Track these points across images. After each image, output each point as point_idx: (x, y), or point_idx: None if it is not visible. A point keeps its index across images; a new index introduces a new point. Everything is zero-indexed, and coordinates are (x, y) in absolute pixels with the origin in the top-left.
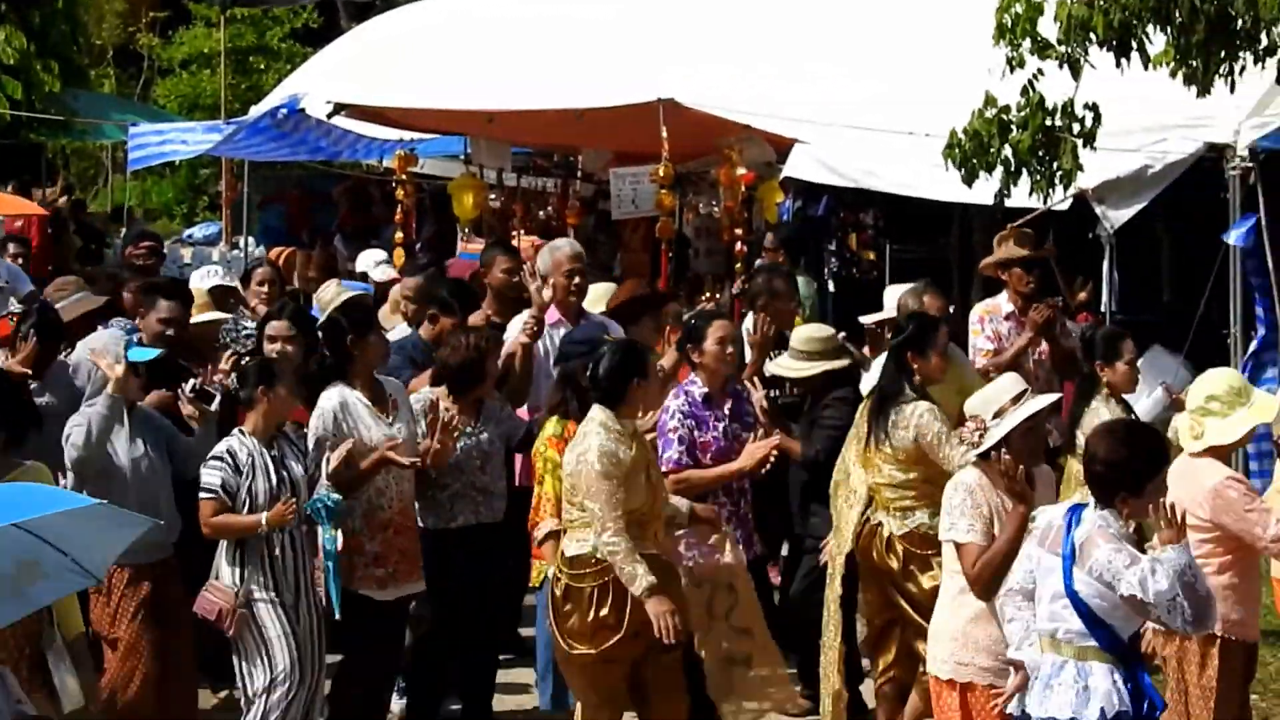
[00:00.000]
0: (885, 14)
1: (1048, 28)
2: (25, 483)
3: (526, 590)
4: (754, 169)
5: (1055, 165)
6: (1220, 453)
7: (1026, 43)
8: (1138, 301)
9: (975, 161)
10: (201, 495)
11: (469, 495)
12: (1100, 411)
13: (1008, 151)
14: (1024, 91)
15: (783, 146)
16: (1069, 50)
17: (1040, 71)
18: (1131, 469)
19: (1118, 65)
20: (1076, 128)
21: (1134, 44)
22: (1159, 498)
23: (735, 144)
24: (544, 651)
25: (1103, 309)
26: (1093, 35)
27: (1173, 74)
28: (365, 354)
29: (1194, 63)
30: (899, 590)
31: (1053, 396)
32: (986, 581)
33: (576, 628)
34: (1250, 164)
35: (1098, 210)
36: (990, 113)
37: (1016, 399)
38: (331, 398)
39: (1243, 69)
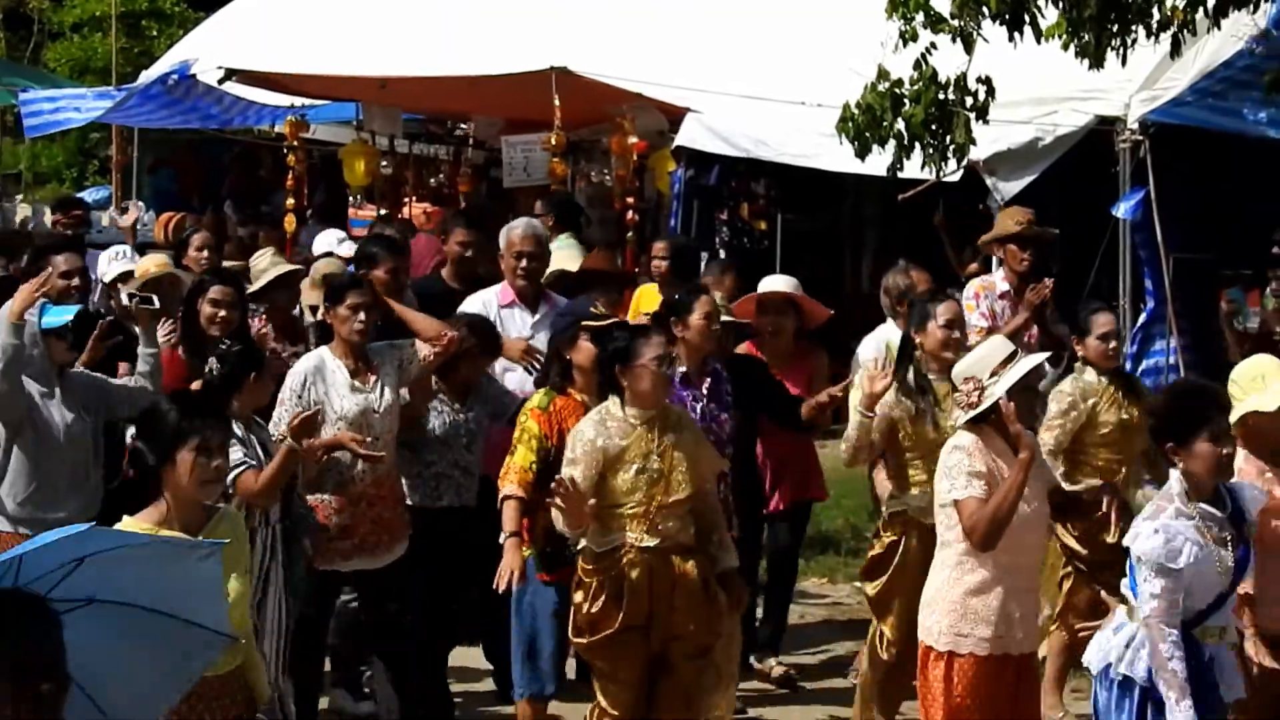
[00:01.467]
0: None
1: (941, 2)
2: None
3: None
4: (646, 138)
5: (948, 138)
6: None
7: (919, 16)
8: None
9: (868, 135)
10: (235, 473)
11: (452, 476)
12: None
13: (900, 125)
14: (917, 65)
15: (675, 115)
16: (962, 24)
17: (933, 45)
18: (1172, 418)
19: (1010, 39)
20: (969, 101)
21: (1026, 17)
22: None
23: (627, 112)
24: (515, 638)
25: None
26: (985, 9)
27: (1065, 47)
28: (337, 323)
29: (1086, 36)
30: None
31: (1042, 355)
32: (985, 531)
33: (580, 620)
34: (1140, 137)
35: (989, 182)
36: (883, 86)
37: (1008, 360)
38: (309, 359)
39: (1134, 42)
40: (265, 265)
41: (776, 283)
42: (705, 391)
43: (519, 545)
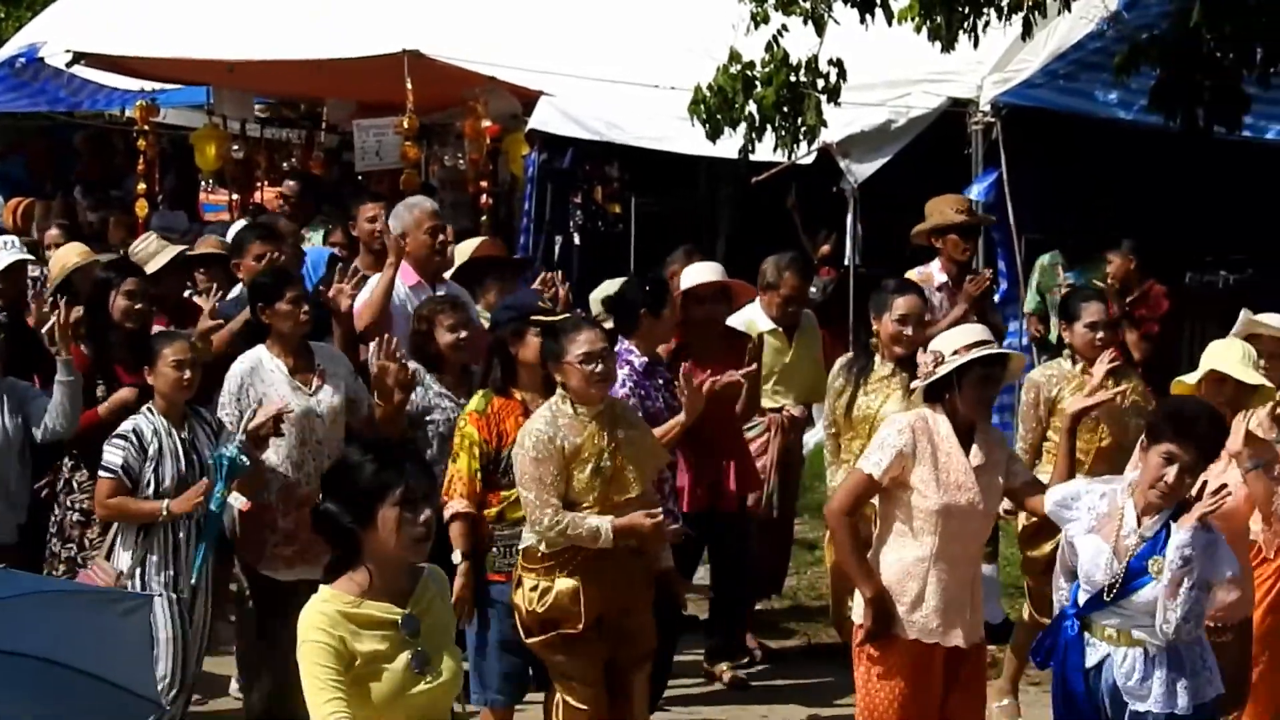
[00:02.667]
0: None
1: None
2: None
3: None
4: (499, 121)
5: (799, 121)
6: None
7: None
8: (881, 255)
9: (720, 117)
10: (100, 474)
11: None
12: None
13: (752, 107)
14: (768, 47)
15: (528, 99)
16: (813, 6)
17: (785, 27)
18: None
19: (861, 21)
20: (821, 83)
21: (878, 0)
22: None
23: (480, 96)
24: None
25: (846, 262)
26: None
27: (917, 29)
28: (277, 320)
29: (937, 18)
30: None
31: (1016, 352)
32: (836, 505)
33: (526, 620)
34: (993, 119)
35: (841, 164)
36: (735, 69)
37: (978, 345)
38: (244, 360)
39: (986, 25)
40: (154, 249)
41: (705, 272)
42: (661, 382)
43: (470, 572)
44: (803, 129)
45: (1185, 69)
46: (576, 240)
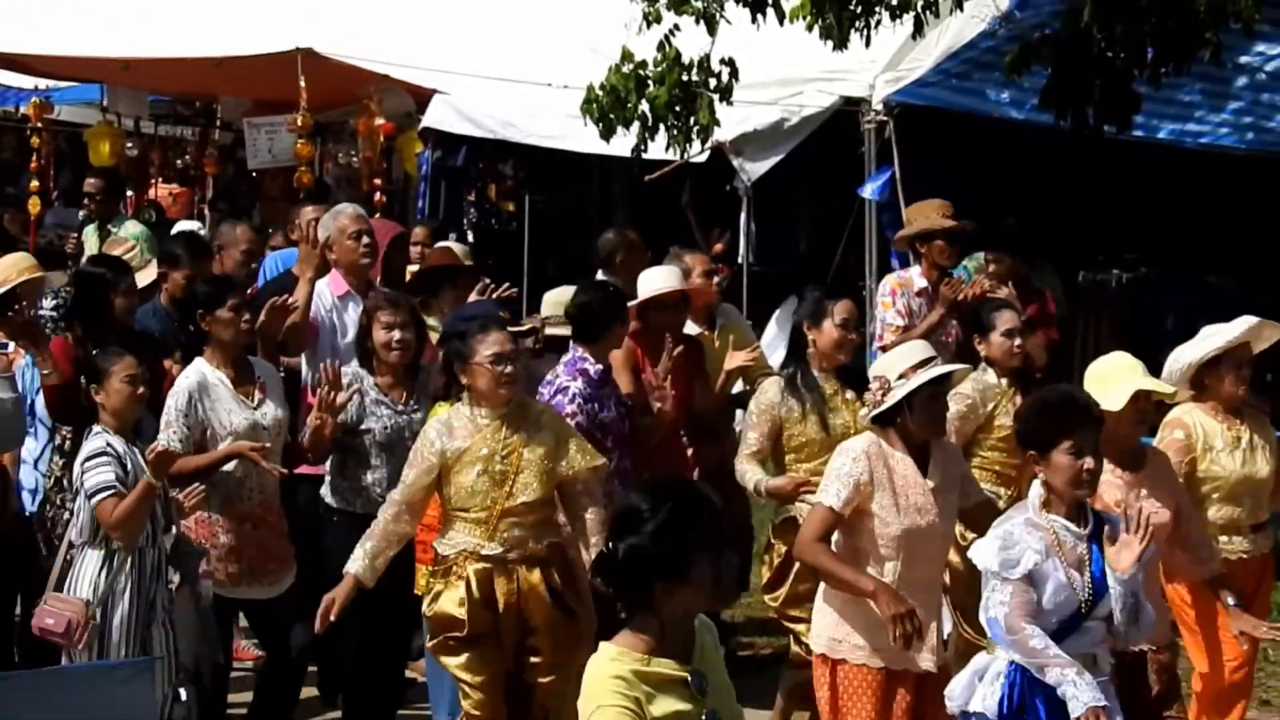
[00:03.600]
0: None
1: None
2: None
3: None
4: (393, 119)
5: (692, 120)
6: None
7: None
8: (775, 253)
9: (613, 116)
10: (99, 497)
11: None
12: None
13: (645, 106)
14: (660, 46)
15: (422, 97)
16: (705, 5)
17: (677, 27)
18: (1034, 426)
19: (753, 20)
20: (713, 83)
21: (769, 0)
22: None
23: (374, 94)
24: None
25: (740, 260)
26: None
27: (809, 28)
28: (218, 329)
29: (829, 17)
30: None
31: (961, 365)
32: (801, 543)
33: (429, 621)
34: (885, 118)
35: (735, 163)
36: (627, 68)
37: (923, 364)
38: (189, 375)
39: (878, 23)
40: (138, 263)
41: (662, 277)
42: (613, 392)
43: None
44: (695, 128)
45: (1076, 68)
46: (470, 238)
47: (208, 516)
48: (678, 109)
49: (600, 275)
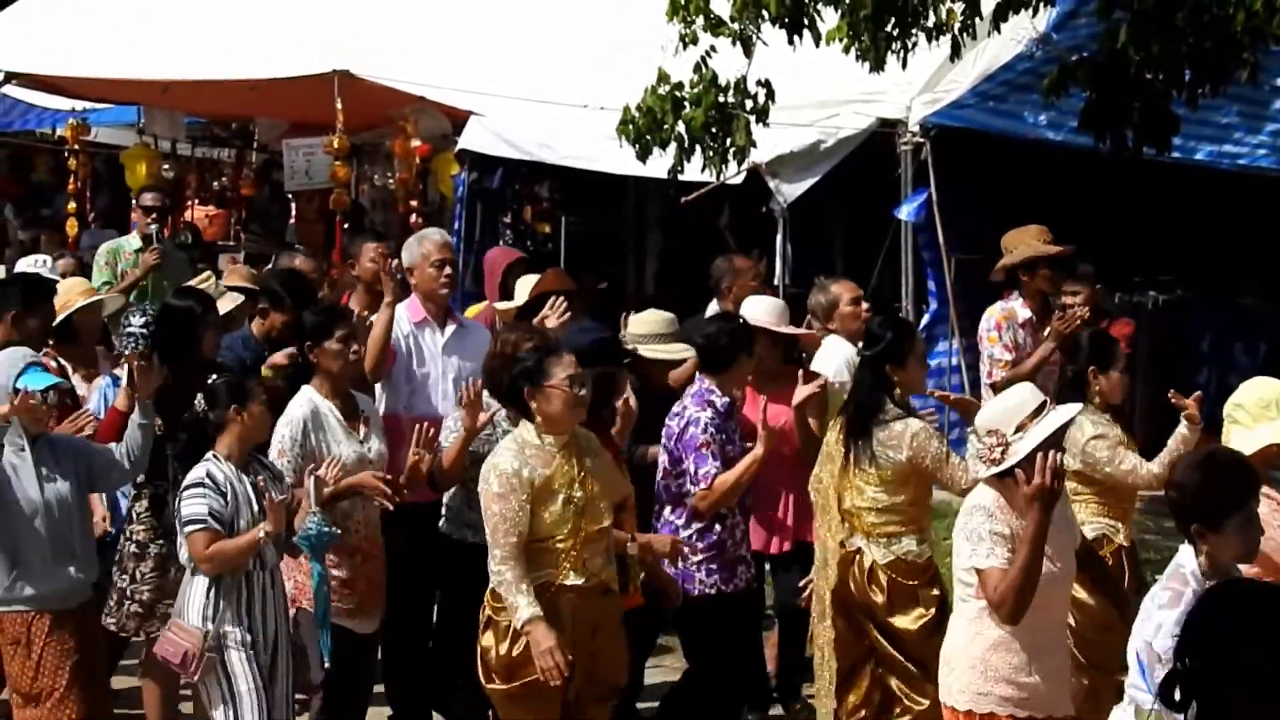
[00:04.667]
0: None
1: (721, 5)
2: None
3: None
4: (429, 141)
5: (728, 141)
6: None
7: (699, 19)
8: (811, 275)
9: (649, 137)
10: (189, 529)
11: None
12: (1085, 425)
13: (681, 128)
14: (697, 68)
15: (458, 118)
16: (741, 27)
17: (713, 48)
18: (1205, 498)
19: (790, 42)
20: (749, 104)
21: (805, 21)
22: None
23: (410, 116)
24: None
25: (775, 282)
26: (765, 12)
27: (845, 50)
28: (325, 360)
29: (865, 39)
30: (879, 625)
31: (1075, 407)
32: (1012, 606)
33: (494, 662)
34: (922, 139)
35: (771, 185)
36: (664, 89)
37: (1036, 412)
38: (301, 405)
39: (914, 45)
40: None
41: (756, 311)
42: (736, 425)
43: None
44: (731, 149)
45: (1114, 90)
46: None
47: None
48: (714, 130)
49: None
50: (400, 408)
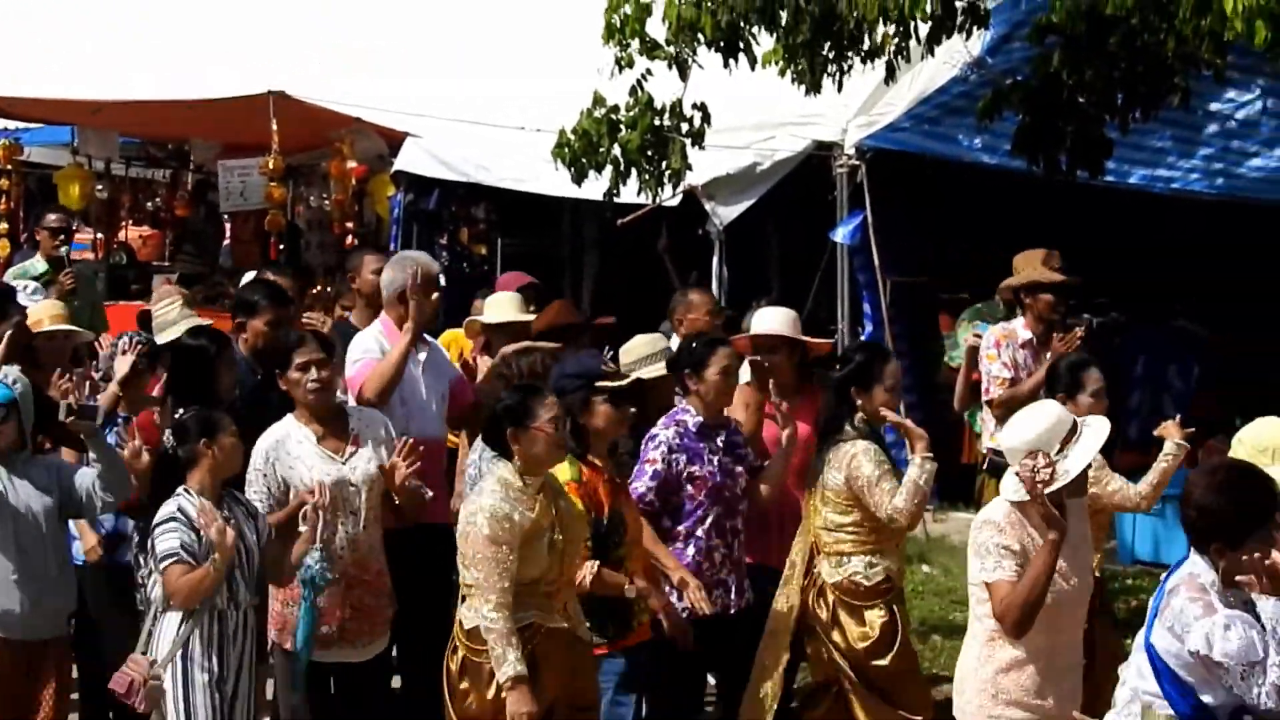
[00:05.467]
0: (496, 10)
1: (656, 28)
2: None
3: None
4: (365, 162)
5: (664, 164)
6: None
7: (635, 43)
8: (747, 297)
9: (585, 160)
10: (165, 564)
11: None
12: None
13: (617, 150)
14: (633, 91)
15: (394, 140)
16: (677, 50)
17: (649, 71)
18: (1228, 518)
19: (726, 65)
20: (685, 127)
21: (741, 44)
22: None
23: (346, 137)
24: None
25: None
26: (700, 36)
27: (781, 73)
28: (290, 388)
29: (801, 62)
30: (829, 642)
31: (1106, 425)
32: (1016, 618)
33: (474, 709)
34: (857, 162)
35: (707, 207)
36: (599, 112)
37: (1073, 431)
38: (271, 433)
39: (849, 68)
40: (174, 317)
41: (770, 320)
42: (721, 444)
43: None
44: (667, 172)
45: (1047, 114)
46: (442, 282)
47: (296, 582)
48: (650, 153)
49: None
50: (397, 432)
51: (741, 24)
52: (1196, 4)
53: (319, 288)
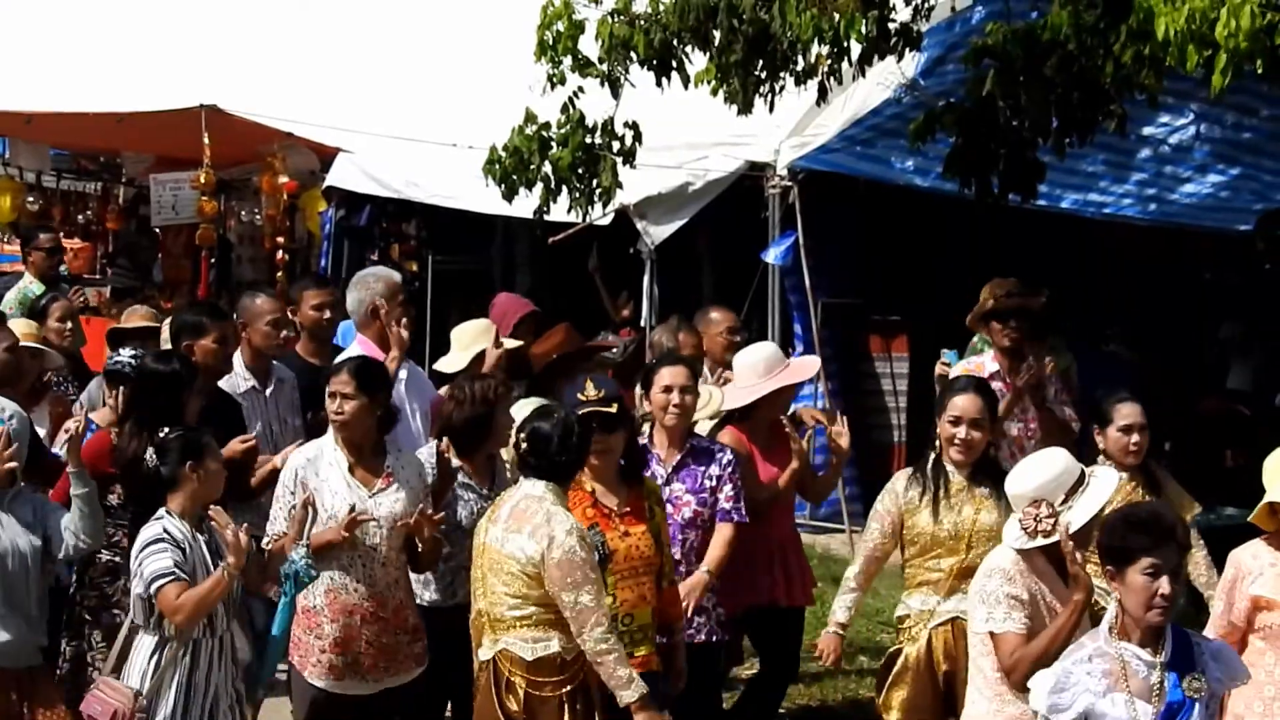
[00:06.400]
0: (429, 27)
1: (589, 46)
2: None
3: None
4: (297, 177)
5: (595, 182)
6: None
7: (568, 60)
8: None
9: (515, 177)
10: (158, 584)
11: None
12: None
13: (548, 168)
14: (565, 108)
15: (326, 155)
16: (610, 68)
17: (581, 89)
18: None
19: (658, 84)
20: (617, 145)
21: (674, 63)
22: None
23: (278, 152)
24: None
25: (643, 324)
26: (633, 54)
27: (713, 93)
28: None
29: (733, 82)
30: None
31: (1114, 477)
32: (1025, 673)
33: None
34: (789, 183)
35: (639, 226)
36: (531, 129)
37: (1079, 481)
38: (305, 451)
39: (782, 89)
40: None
41: (756, 356)
42: (671, 468)
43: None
44: (598, 190)
45: (980, 137)
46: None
47: (312, 607)
48: (581, 171)
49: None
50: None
51: (674, 43)
52: (1134, 31)
53: None
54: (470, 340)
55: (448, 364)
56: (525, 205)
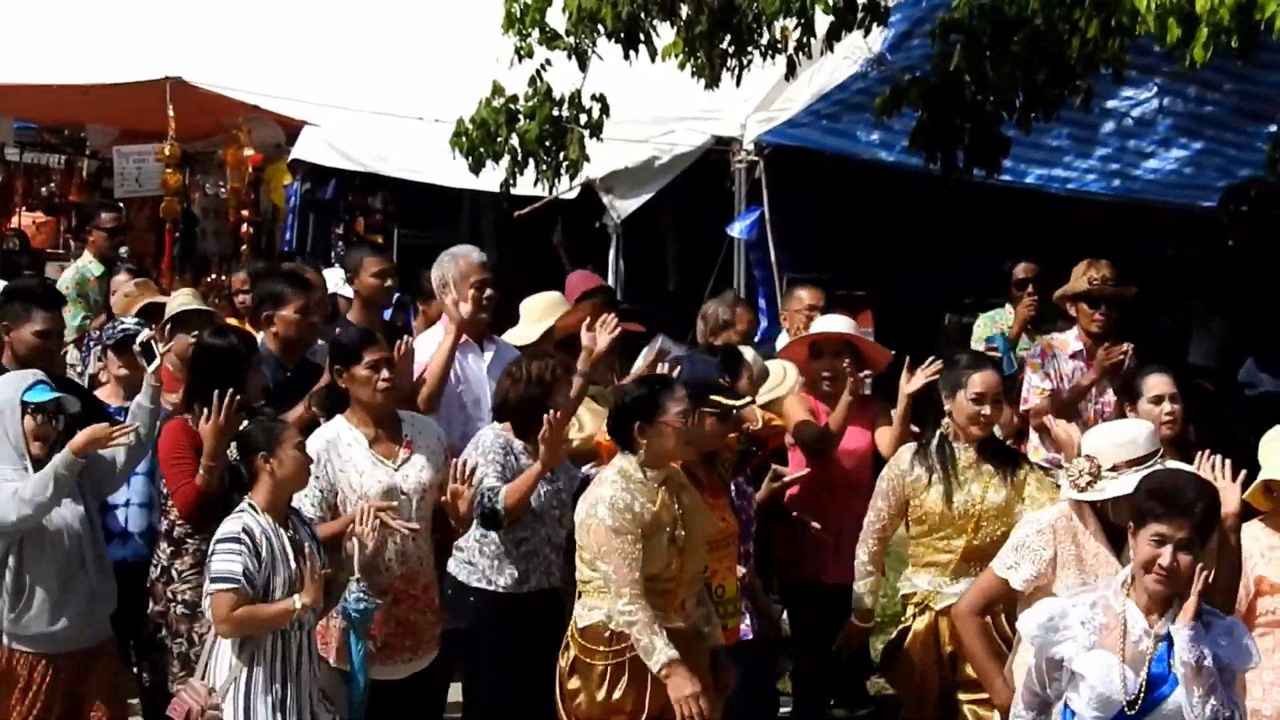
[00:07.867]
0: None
1: (557, 18)
2: None
3: None
4: (262, 150)
5: (562, 155)
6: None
7: (535, 33)
8: (644, 291)
9: (482, 150)
10: (216, 587)
11: (543, 553)
12: None
13: (515, 140)
14: (532, 81)
15: (292, 128)
16: (577, 41)
17: (548, 62)
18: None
19: (626, 57)
20: (584, 118)
21: (641, 36)
22: None
23: (243, 124)
24: None
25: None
26: (601, 27)
27: (681, 66)
28: (354, 387)
29: (700, 56)
30: None
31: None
32: (965, 623)
33: (584, 709)
34: (756, 158)
35: (605, 200)
36: (498, 102)
37: (1142, 461)
38: (321, 435)
39: (749, 63)
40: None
41: (833, 323)
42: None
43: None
44: (565, 164)
45: (946, 112)
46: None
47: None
48: (548, 144)
49: None
50: (459, 437)
51: (642, 15)
52: (1097, 2)
53: (214, 276)
54: (541, 314)
55: (516, 336)
56: (492, 179)
